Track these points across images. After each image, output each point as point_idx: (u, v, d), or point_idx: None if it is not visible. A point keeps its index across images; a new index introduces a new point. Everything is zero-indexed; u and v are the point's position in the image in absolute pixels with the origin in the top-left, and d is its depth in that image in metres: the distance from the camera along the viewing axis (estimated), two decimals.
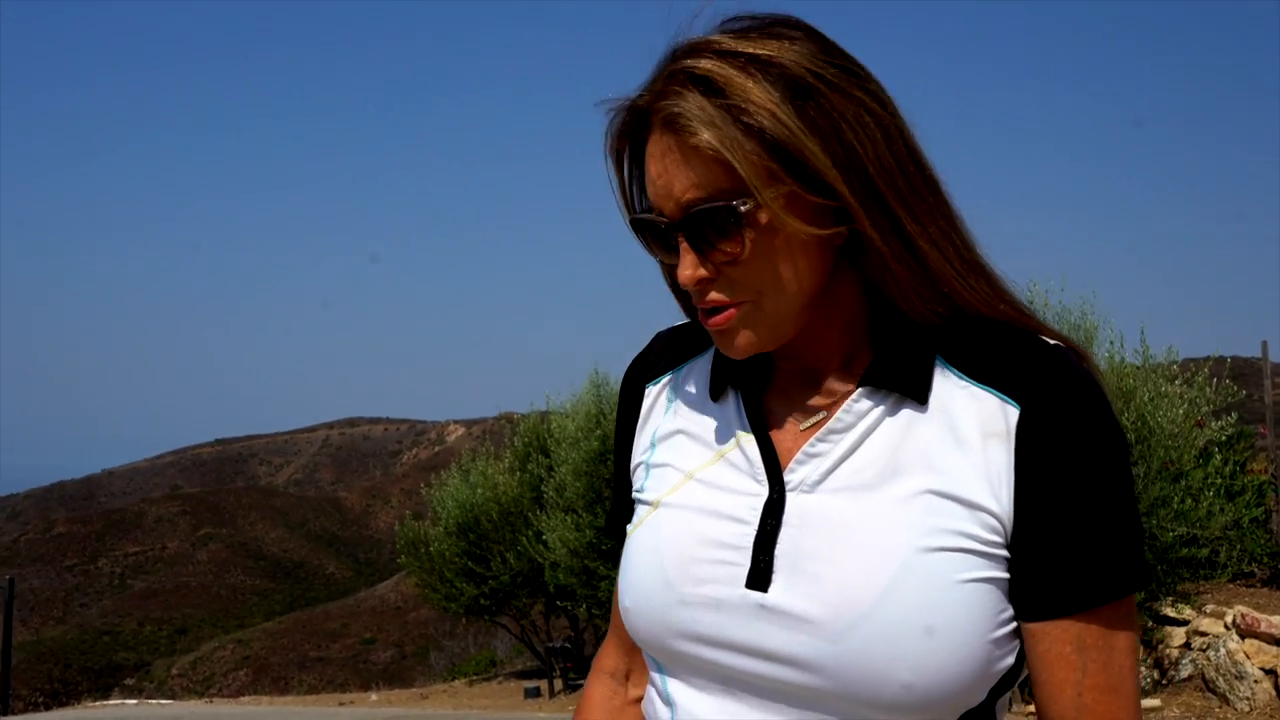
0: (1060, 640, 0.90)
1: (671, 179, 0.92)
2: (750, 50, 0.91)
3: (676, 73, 0.92)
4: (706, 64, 0.91)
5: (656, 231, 0.96)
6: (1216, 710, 6.64)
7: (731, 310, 0.94)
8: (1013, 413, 0.91)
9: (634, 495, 1.07)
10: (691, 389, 1.07)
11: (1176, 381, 7.38)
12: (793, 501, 0.95)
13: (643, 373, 1.14)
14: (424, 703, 12.35)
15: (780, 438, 0.99)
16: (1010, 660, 0.92)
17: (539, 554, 11.00)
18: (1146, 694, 7.09)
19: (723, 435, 1.02)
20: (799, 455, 0.96)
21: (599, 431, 10.45)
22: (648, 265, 1.05)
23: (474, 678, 14.88)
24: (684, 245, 0.93)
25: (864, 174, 0.90)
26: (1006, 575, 0.91)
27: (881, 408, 0.95)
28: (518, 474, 12.51)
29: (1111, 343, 7.44)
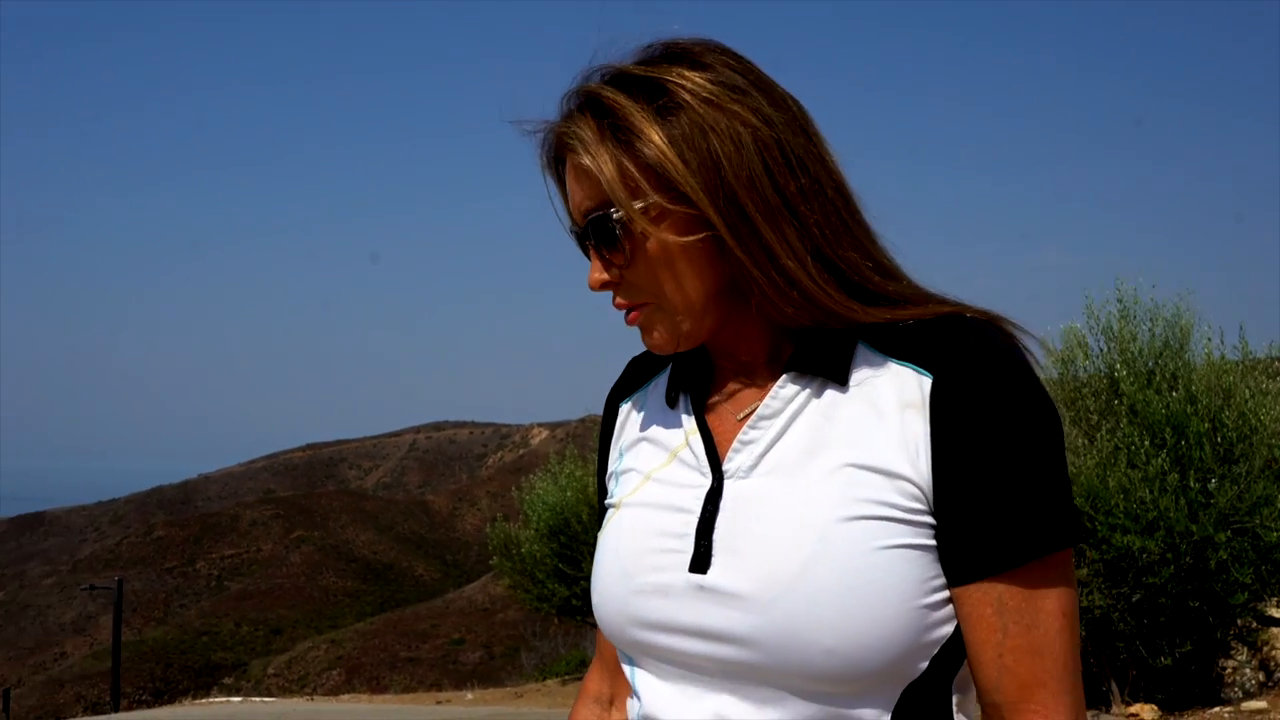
0: (981, 603, 0.92)
1: (575, 193, 1.03)
2: (641, 73, 1.00)
3: (574, 96, 1.03)
4: (596, 87, 1.01)
5: (579, 241, 1.06)
6: None
7: (636, 311, 1.04)
8: (926, 382, 0.95)
9: (605, 503, 1.15)
10: (653, 400, 1.15)
11: (1279, 378, 7.25)
12: (730, 487, 1.00)
13: (617, 394, 1.22)
14: (519, 701, 12.55)
15: (721, 431, 1.05)
16: (948, 630, 0.94)
17: None
18: (1251, 695, 6.97)
19: (675, 436, 1.08)
20: (734, 444, 1.02)
21: None
22: None
23: (566, 677, 15.06)
24: (593, 253, 1.03)
25: (724, 183, 0.96)
26: (933, 542, 0.94)
27: (806, 391, 1.00)
28: None
29: (1209, 339, 7.32)
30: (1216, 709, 6.65)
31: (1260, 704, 6.70)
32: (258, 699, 16.12)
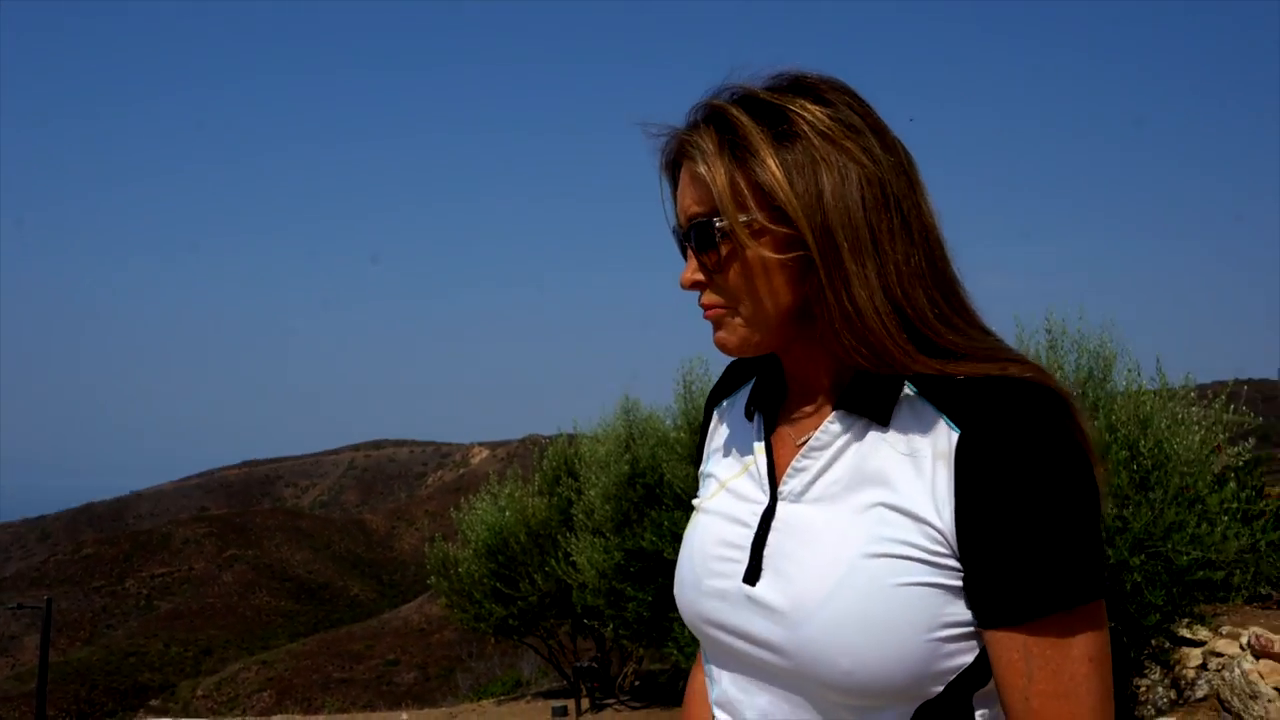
0: (1009, 648, 0.99)
1: (685, 196, 1.13)
2: (768, 99, 1.09)
3: (703, 108, 1.12)
4: (724, 104, 1.10)
5: (679, 240, 1.16)
6: None
7: (715, 311, 1.13)
8: (954, 436, 1.02)
9: (694, 501, 1.28)
10: (737, 410, 1.27)
11: (1194, 408, 7.54)
12: (781, 509, 1.11)
13: (713, 398, 1.35)
14: None
15: (781, 453, 1.15)
16: (968, 659, 1.02)
17: (567, 575, 11.20)
18: (1163, 713, 7.23)
19: (747, 449, 1.20)
20: (789, 469, 1.12)
21: (628, 456, 10.65)
22: (671, 292, 1.22)
23: (502, 697, 15.05)
24: (690, 253, 1.14)
25: (824, 212, 1.04)
26: (955, 582, 1.01)
27: (852, 430, 1.09)
28: (546, 497, 12.71)
29: (1129, 370, 7.59)
30: None
31: None
32: None
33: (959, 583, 1.01)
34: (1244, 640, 7.02)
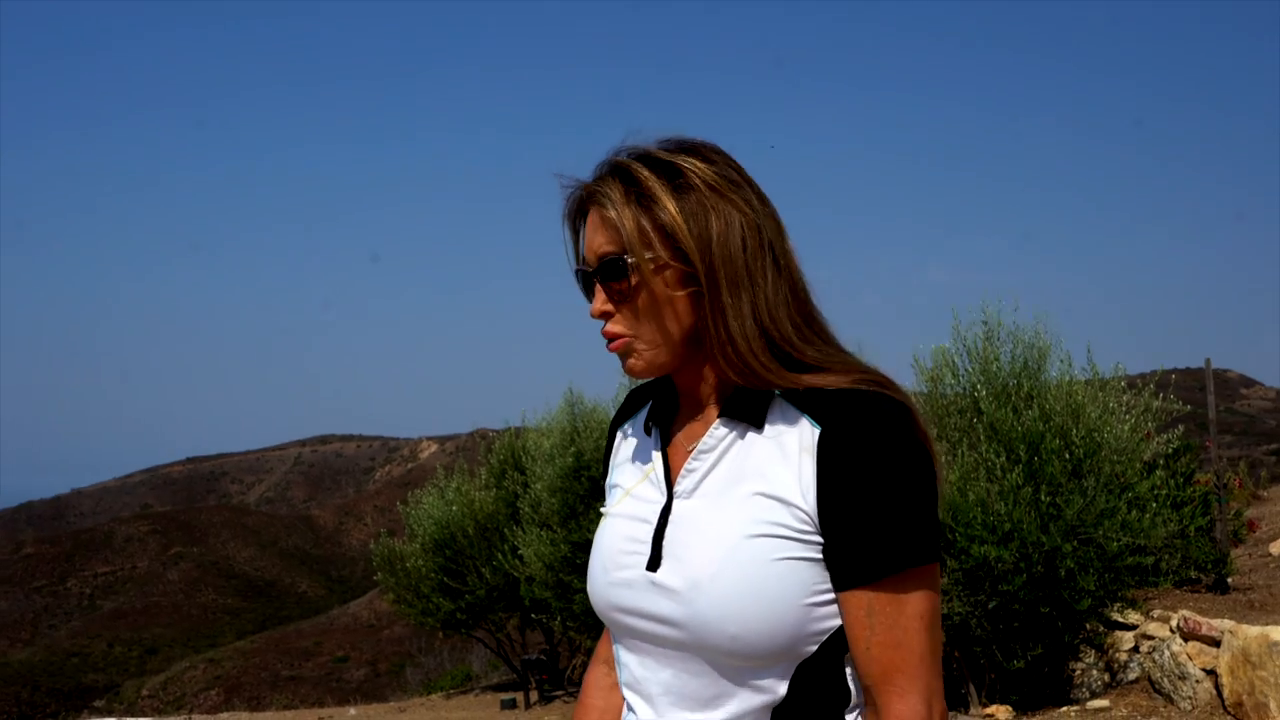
0: (856, 606, 1.19)
1: (593, 238, 1.30)
2: (663, 157, 1.29)
3: (608, 164, 1.31)
4: (627, 161, 1.29)
5: (584, 278, 1.34)
6: (1161, 709, 6.97)
7: (621, 340, 1.31)
8: (816, 432, 1.22)
9: (601, 509, 1.45)
10: (637, 428, 1.45)
11: (1124, 397, 7.72)
12: (677, 505, 1.29)
13: (616, 421, 1.53)
14: (402, 716, 12.50)
15: (676, 459, 1.34)
16: (836, 623, 1.21)
17: (515, 569, 11.23)
18: (1096, 695, 7.41)
19: (647, 459, 1.39)
20: (682, 471, 1.30)
21: (573, 449, 10.70)
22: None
23: (451, 691, 15.05)
24: (598, 287, 1.31)
25: (711, 252, 1.24)
26: (820, 557, 1.20)
27: (734, 433, 1.28)
28: (493, 490, 12.72)
29: (1062, 361, 7.75)
30: (1065, 708, 7.06)
31: (1104, 702, 7.13)
32: None
33: (821, 557, 1.20)
34: (1174, 623, 7.21)
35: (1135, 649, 7.51)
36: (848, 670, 1.24)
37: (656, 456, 1.36)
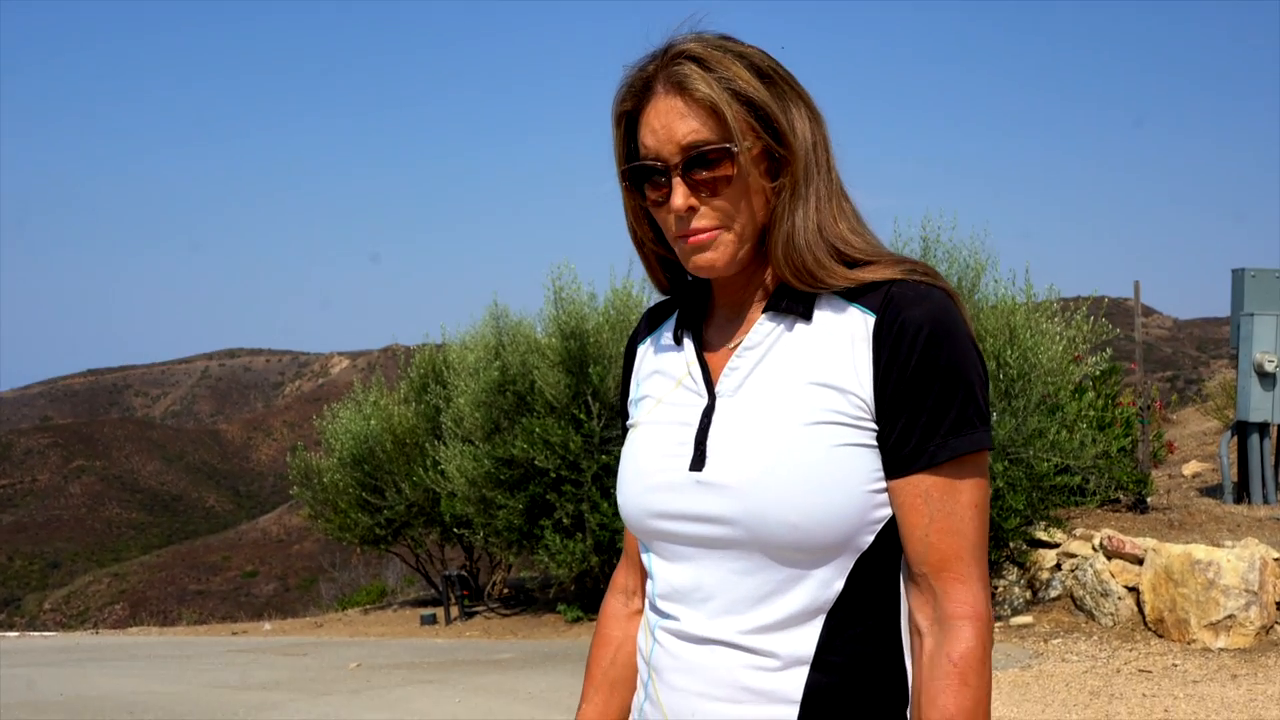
0: (912, 494, 1.18)
1: (674, 128, 1.22)
2: (726, 45, 1.24)
3: (675, 54, 1.23)
4: (697, 48, 1.23)
5: (648, 174, 1.25)
6: (1084, 625, 7.10)
7: (708, 234, 1.24)
8: (871, 320, 1.21)
9: (627, 424, 1.41)
10: (663, 340, 1.41)
11: (1056, 319, 7.76)
12: (720, 404, 1.26)
13: (634, 339, 1.48)
14: (319, 631, 12.35)
15: (715, 360, 1.31)
16: (888, 511, 1.20)
17: (436, 484, 11.05)
18: (1019, 612, 7.54)
19: (679, 367, 1.34)
20: (724, 370, 1.28)
21: (498, 363, 10.49)
22: (540, 196, 1.17)
23: (368, 607, 14.91)
24: (677, 180, 1.23)
25: (804, 143, 1.24)
26: (875, 444, 1.20)
27: (780, 327, 1.26)
28: (413, 405, 12.47)
29: (997, 280, 7.75)
30: None
31: (1027, 619, 7.25)
32: (35, 634, 15.28)
33: (876, 444, 1.20)
34: (1096, 541, 7.33)
35: (1057, 567, 7.63)
36: (901, 575, 1.22)
37: (691, 362, 1.33)
